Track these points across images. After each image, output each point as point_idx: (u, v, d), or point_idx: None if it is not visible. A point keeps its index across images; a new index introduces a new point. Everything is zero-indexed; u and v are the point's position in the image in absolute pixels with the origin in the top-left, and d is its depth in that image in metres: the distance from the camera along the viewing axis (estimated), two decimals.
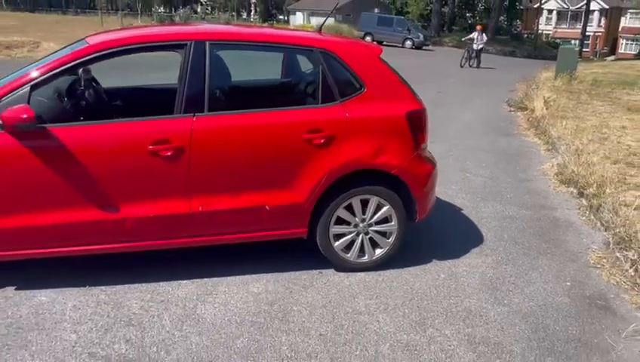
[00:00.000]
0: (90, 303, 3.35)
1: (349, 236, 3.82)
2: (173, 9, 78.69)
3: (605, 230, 4.69)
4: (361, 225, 3.81)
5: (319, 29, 4.23)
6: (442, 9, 48.19)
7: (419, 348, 3.05)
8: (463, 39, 26.47)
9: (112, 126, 3.38)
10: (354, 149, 3.63)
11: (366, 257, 3.88)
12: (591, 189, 5.28)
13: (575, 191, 5.76)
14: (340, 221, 3.77)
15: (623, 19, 65.05)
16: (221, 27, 4.48)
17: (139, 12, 63.06)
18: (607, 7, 64.76)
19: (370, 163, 3.68)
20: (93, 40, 3.52)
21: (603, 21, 66.48)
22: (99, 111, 3.72)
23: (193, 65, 3.43)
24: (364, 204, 3.77)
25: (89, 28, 29.98)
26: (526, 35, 54.50)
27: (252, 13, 77.58)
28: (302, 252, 3.99)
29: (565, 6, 66.53)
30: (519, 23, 62.08)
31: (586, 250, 4.41)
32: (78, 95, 3.86)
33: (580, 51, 46.21)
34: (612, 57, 51.63)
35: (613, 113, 9.71)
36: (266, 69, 4.67)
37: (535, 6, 65.29)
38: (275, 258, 3.97)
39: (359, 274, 3.85)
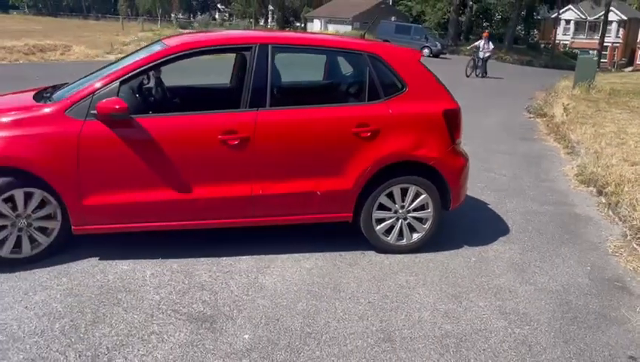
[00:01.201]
0: (166, 272, 3.81)
1: (390, 221, 4.25)
2: (191, 15, 79.86)
3: (623, 223, 5.07)
4: (400, 211, 4.24)
5: (362, 35, 4.68)
6: (459, 18, 48.51)
7: (456, 315, 3.47)
8: (468, 47, 25.30)
9: (189, 117, 3.86)
10: (396, 142, 4.07)
11: (404, 240, 4.31)
12: (610, 188, 5.66)
13: (594, 190, 6.15)
14: (382, 207, 4.21)
15: None
16: (281, 33, 4.97)
17: (158, 18, 64.16)
18: (625, 18, 64.68)
19: (411, 155, 4.12)
20: (172, 42, 3.99)
21: (621, 32, 66.36)
22: (173, 105, 4.19)
23: (258, 66, 3.90)
24: (404, 192, 4.20)
25: (111, 33, 30.88)
26: (543, 45, 54.63)
27: (269, 20, 78.44)
28: (344, 235, 4.43)
29: (583, 16, 66.48)
30: (536, 32, 62.17)
31: (605, 241, 4.80)
32: (154, 90, 4.35)
33: (598, 62, 46.36)
34: (630, 68, 51.67)
35: (631, 120, 10.05)
36: (308, 70, 5.16)
37: (553, 16, 65.48)
38: (321, 239, 4.40)
39: (398, 255, 4.28)
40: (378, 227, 4.23)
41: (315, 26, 56.63)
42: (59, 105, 3.66)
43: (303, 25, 65.79)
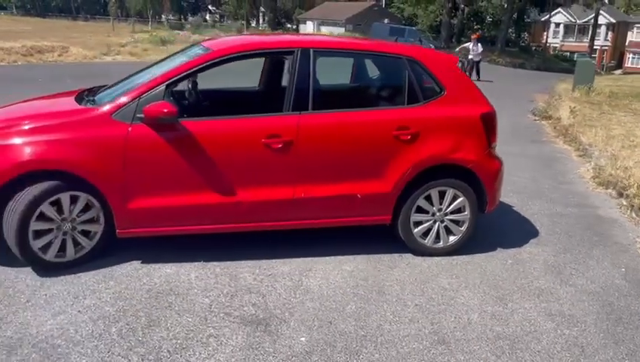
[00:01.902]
0: (210, 274, 3.82)
1: (427, 224, 4.29)
2: (182, 16, 79.55)
3: None
4: (438, 214, 4.28)
5: (396, 39, 4.72)
6: (451, 20, 48.78)
7: (504, 317, 3.51)
8: (457, 50, 23.99)
9: (233, 121, 3.87)
10: (435, 145, 4.11)
11: (441, 243, 4.34)
12: (632, 190, 5.74)
13: (613, 192, 6.23)
14: (420, 210, 4.24)
15: (629, 33, 65.64)
16: (321, 37, 4.99)
17: (149, 19, 63.87)
18: (614, 21, 65.38)
19: (450, 158, 4.16)
20: (216, 46, 4.00)
21: (610, 35, 67.07)
22: (214, 108, 4.19)
23: (300, 70, 3.92)
24: (441, 195, 4.24)
25: (102, 34, 30.70)
26: (534, 48, 55.08)
27: (261, 21, 78.33)
28: (378, 237, 4.46)
29: (572, 20, 67.11)
30: (527, 35, 62.67)
31: (634, 243, 4.88)
32: (195, 93, 4.35)
33: None
34: (619, 71, 52.28)
35: (637, 123, 10.19)
36: (335, 73, 5.18)
37: (543, 19, 66.09)
38: (357, 242, 4.43)
39: (435, 258, 4.31)
40: (416, 230, 4.27)
41: (308, 27, 56.70)
42: (105, 109, 3.66)
43: (295, 27, 65.84)
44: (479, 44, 20.41)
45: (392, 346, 3.12)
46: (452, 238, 4.35)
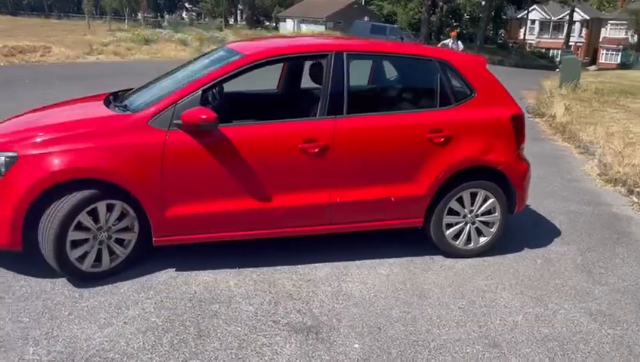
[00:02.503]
0: (248, 281, 3.77)
1: (458, 226, 4.30)
2: (158, 14, 78.57)
3: None
4: (469, 215, 4.29)
5: (422, 42, 4.72)
6: (430, 18, 49.11)
7: (548, 318, 3.54)
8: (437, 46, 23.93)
9: (270, 126, 3.83)
10: (468, 148, 4.12)
11: (472, 244, 4.36)
12: None
13: (622, 189, 6.33)
14: (451, 212, 4.25)
15: (603, 30, 66.86)
16: (354, 40, 4.96)
17: (125, 17, 62.98)
18: (587, 17, 66.55)
19: (482, 160, 4.17)
20: (248, 50, 3.94)
21: (584, 32, 68.28)
22: (248, 113, 4.15)
23: (334, 73, 3.89)
24: (472, 196, 4.25)
25: (77, 33, 30.11)
26: (511, 45, 55.78)
27: (239, 19, 77.79)
28: (406, 240, 4.47)
29: (548, 17, 68.15)
30: (503, 32, 63.46)
31: None
32: (227, 98, 4.29)
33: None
34: (594, 67, 53.16)
35: (631, 120, 10.38)
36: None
37: (519, 16, 66.93)
38: (386, 245, 4.43)
39: (467, 259, 4.33)
40: (447, 232, 4.28)
41: (288, 25, 56.43)
42: (142, 116, 3.58)
43: (274, 24, 65.56)
44: (459, 42, 19.78)
45: (445, 351, 3.12)
46: (482, 239, 4.38)
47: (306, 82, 5.04)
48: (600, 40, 66.72)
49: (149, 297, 3.50)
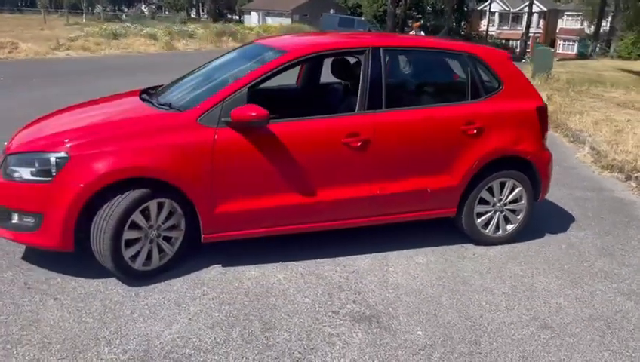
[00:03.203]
0: (296, 274, 3.84)
1: (488, 214, 4.46)
2: (116, 7, 76.76)
3: None
4: (498, 204, 4.46)
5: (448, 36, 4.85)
6: (396, 10, 49.52)
7: (587, 299, 3.74)
8: None
9: (314, 121, 3.89)
10: (498, 138, 4.28)
11: (500, 232, 4.53)
12: None
13: (621, 175, 6.63)
14: (482, 201, 4.41)
15: (560, 21, 68.72)
16: (388, 35, 5.04)
17: (83, 11, 61.36)
18: (545, 9, 68.23)
19: (511, 150, 4.34)
20: (290, 47, 3.98)
21: (542, 23, 69.99)
22: (288, 109, 4.18)
23: (373, 69, 3.98)
24: (501, 185, 4.42)
25: (34, 27, 29.24)
26: (474, 36, 56.78)
27: (201, 12, 76.69)
28: (433, 229, 4.60)
29: (507, 8, 69.58)
30: (465, 24, 64.56)
31: None
32: (273, 94, 4.31)
33: (524, 51, 48.78)
34: (555, 58, 54.53)
35: (609, 108, 10.81)
36: None
37: (479, 8, 68.16)
38: (416, 235, 4.53)
39: (496, 246, 4.50)
40: (478, 220, 4.43)
41: (253, 18, 56.04)
42: (191, 113, 3.60)
43: (238, 17, 64.94)
44: (422, 33, 19.29)
45: (503, 334, 3.27)
46: (510, 227, 4.55)
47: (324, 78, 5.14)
48: (557, 31, 68.53)
49: (204, 293, 3.53)
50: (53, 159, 3.37)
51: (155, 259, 3.66)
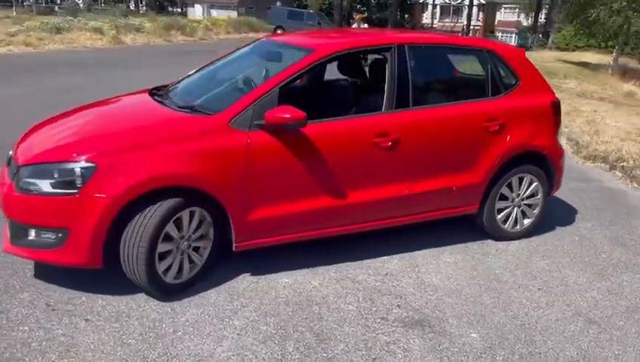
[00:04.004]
0: (330, 280, 3.73)
1: (507, 210, 4.48)
2: (49, 0, 73.30)
3: None
4: (516, 199, 4.48)
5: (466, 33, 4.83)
6: (342, 3, 49.60)
7: (618, 291, 3.81)
8: None
9: (345, 122, 3.77)
10: (518, 134, 4.30)
11: (518, 227, 4.57)
12: (628, 163, 6.35)
13: (604, 165, 6.84)
14: (502, 197, 4.42)
15: (498, 13, 70.79)
16: (412, 33, 4.94)
17: (13, 4, 58.27)
18: (483, 1, 70.10)
19: (530, 145, 4.37)
20: (318, 46, 3.82)
21: (481, 15, 71.89)
22: (318, 110, 4.03)
23: (399, 67, 3.90)
24: (519, 181, 4.44)
25: None
26: (419, 28, 57.65)
27: (140, 4, 74.28)
28: (446, 227, 4.55)
29: (447, 1, 71.07)
30: (408, 17, 65.54)
31: None
32: (300, 94, 4.15)
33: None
34: None
35: (572, 99, 11.18)
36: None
37: (421, 1, 69.34)
38: (432, 234, 4.48)
39: (514, 241, 4.53)
40: (498, 216, 4.44)
41: (197, 11, 54.76)
42: (222, 117, 3.40)
43: (180, 10, 63.28)
44: (365, 25, 18.99)
45: (554, 331, 3.28)
46: (527, 221, 4.59)
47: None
48: (496, 23, 70.58)
49: (244, 305, 3.36)
50: (78, 169, 3.10)
51: (186, 271, 3.46)
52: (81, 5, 69.13)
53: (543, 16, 50.61)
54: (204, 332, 3.06)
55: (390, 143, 3.80)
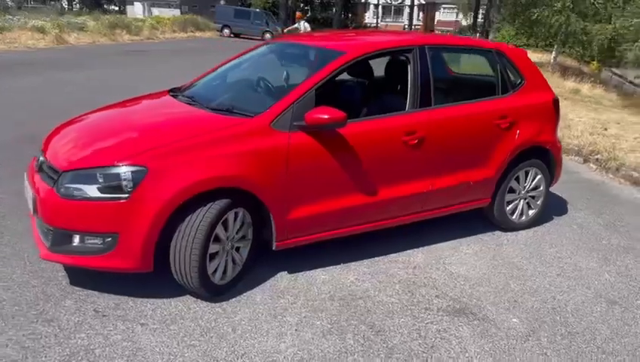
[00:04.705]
0: (365, 275, 3.84)
1: (514, 202, 4.73)
2: None
3: (634, 184, 6.20)
4: (522, 192, 4.74)
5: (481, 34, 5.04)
6: (287, 2, 49.60)
7: (628, 273, 4.14)
8: (285, 30, 21.80)
9: (377, 121, 3.89)
10: (526, 130, 4.55)
11: (524, 218, 4.83)
12: (605, 154, 6.79)
13: (579, 158, 7.28)
14: (510, 190, 4.67)
15: (437, 13, 72.80)
16: (429, 35, 5.10)
17: None
18: (423, 2, 71.90)
19: (536, 140, 4.63)
20: (347, 47, 3.92)
21: (421, 15, 73.67)
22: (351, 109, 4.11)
23: (422, 67, 4.06)
24: (525, 174, 4.71)
25: None
26: (364, 28, 58.42)
27: (73, 1, 71.57)
28: (455, 219, 4.76)
29: (389, 1, 72.44)
30: (351, 16, 66.28)
31: (635, 198, 5.86)
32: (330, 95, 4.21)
33: None
34: None
35: None
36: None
37: (362, 1, 70.32)
38: (441, 228, 4.66)
39: (521, 231, 4.79)
40: (507, 208, 4.69)
41: (137, 9, 53.34)
42: (264, 118, 3.45)
43: (118, 8, 61.45)
44: (307, 24, 17.98)
45: (583, 313, 3.52)
46: (531, 212, 4.86)
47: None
48: (435, 23, 72.53)
49: (291, 302, 3.43)
50: (128, 173, 3.08)
51: (230, 272, 3.49)
52: (10, 3, 65.90)
53: (480, 15, 52.49)
54: (262, 330, 3.11)
55: (416, 141, 3.95)
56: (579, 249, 4.51)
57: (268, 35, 35.56)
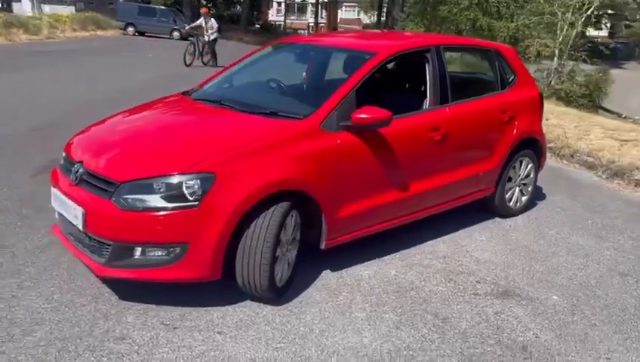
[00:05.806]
0: (403, 267, 3.99)
1: (511, 190, 5.10)
2: None
3: (589, 168, 6.85)
4: (517, 180, 5.12)
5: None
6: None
7: (624, 248, 4.62)
8: (186, 28, 20.88)
9: (408, 118, 4.04)
10: (521, 123, 4.91)
11: (518, 204, 5.21)
12: (559, 143, 7.42)
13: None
14: (509, 179, 5.02)
15: (340, 11, 74.19)
16: (442, 36, 5.26)
17: None
18: (326, 0, 73.03)
19: (529, 132, 5.02)
20: (379, 49, 4.03)
21: (324, 13, 74.80)
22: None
23: (439, 66, 4.28)
24: (519, 163, 5.08)
25: None
26: (272, 26, 58.42)
27: None
28: (458, 210, 5.00)
29: None
30: (257, 14, 66.00)
31: (600, 185, 6.48)
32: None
33: None
34: None
35: None
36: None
37: None
38: (453, 217, 4.89)
39: (518, 217, 5.16)
40: (506, 196, 5.04)
41: (25, 6, 49.60)
42: (313, 120, 3.49)
43: (2, 5, 56.97)
44: (213, 20, 17.44)
45: (604, 285, 3.91)
46: (524, 199, 5.26)
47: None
48: (339, 20, 73.92)
49: (350, 299, 3.50)
50: (197, 181, 3.01)
51: (286, 274, 3.51)
52: None
53: (383, 13, 54.25)
54: (338, 327, 3.17)
55: (440, 137, 4.16)
56: (573, 229, 4.94)
57: (176, 34, 34.40)
